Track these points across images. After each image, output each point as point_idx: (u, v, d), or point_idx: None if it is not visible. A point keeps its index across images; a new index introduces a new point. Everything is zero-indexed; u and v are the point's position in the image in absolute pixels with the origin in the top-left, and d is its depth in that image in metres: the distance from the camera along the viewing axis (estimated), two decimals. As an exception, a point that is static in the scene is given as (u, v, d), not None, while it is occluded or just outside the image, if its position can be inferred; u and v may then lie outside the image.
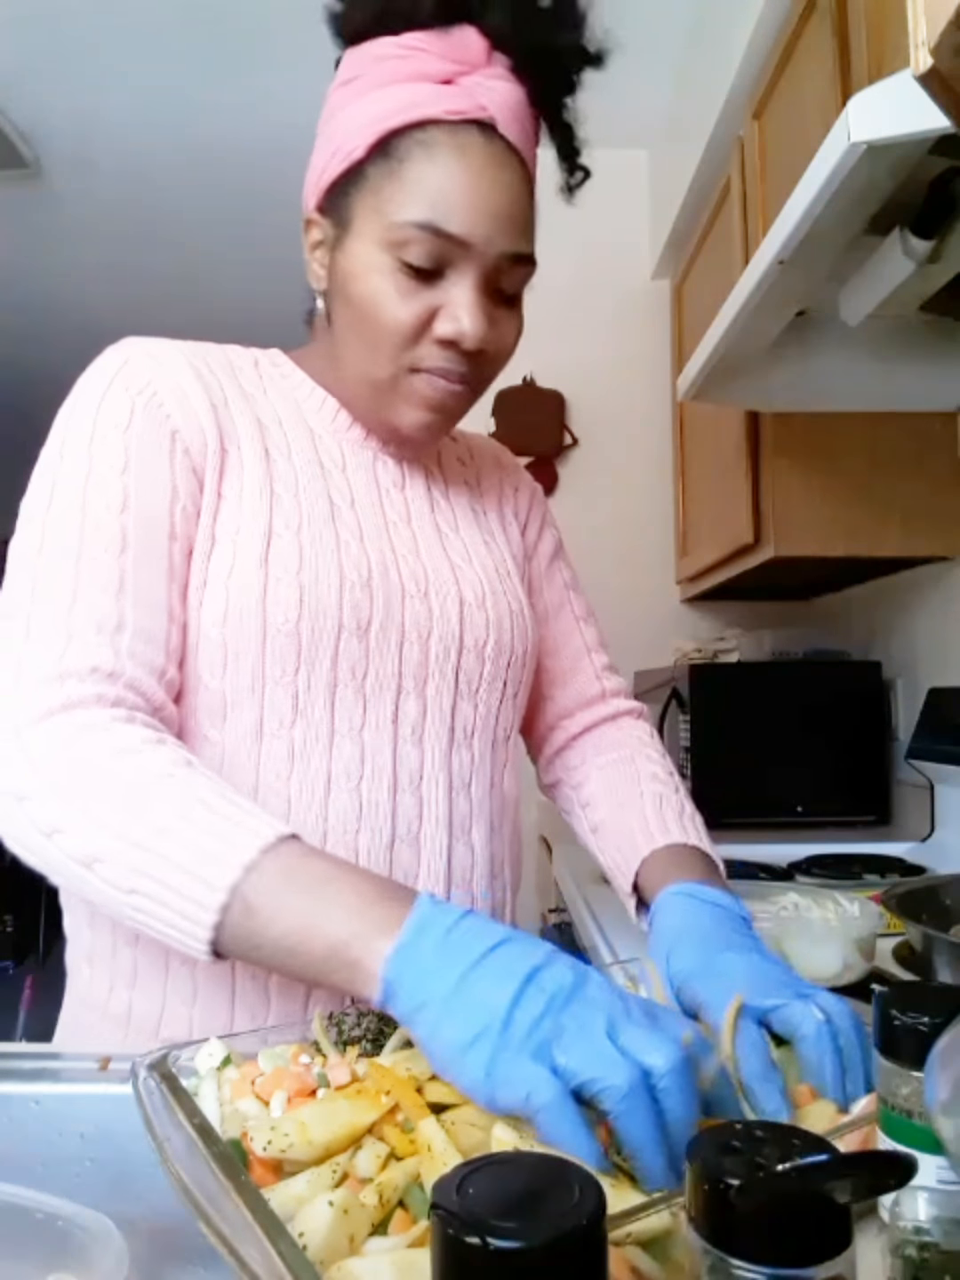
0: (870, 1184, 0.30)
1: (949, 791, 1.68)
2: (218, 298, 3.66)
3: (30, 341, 4.16)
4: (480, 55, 0.73)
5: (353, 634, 0.75)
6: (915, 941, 1.00)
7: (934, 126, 0.83)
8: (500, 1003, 0.49)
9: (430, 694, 0.80)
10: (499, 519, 0.94)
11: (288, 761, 0.75)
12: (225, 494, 0.76)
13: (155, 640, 0.70)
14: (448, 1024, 0.50)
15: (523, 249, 0.75)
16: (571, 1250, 0.28)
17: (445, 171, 0.72)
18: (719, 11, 1.99)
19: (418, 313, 0.74)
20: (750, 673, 2.10)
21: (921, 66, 0.57)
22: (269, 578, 0.73)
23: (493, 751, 0.85)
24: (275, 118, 2.47)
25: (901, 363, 1.39)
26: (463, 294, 0.73)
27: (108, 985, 0.78)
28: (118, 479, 0.71)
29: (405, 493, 0.86)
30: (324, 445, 0.83)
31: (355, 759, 0.76)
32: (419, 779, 0.79)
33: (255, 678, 0.74)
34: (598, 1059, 0.46)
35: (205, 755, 0.74)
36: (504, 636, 0.84)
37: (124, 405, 0.73)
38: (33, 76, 2.39)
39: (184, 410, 0.75)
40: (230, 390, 0.79)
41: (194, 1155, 0.45)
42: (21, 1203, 0.44)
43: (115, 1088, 0.61)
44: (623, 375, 2.64)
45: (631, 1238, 0.40)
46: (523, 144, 0.76)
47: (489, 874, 0.84)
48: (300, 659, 0.74)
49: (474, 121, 0.73)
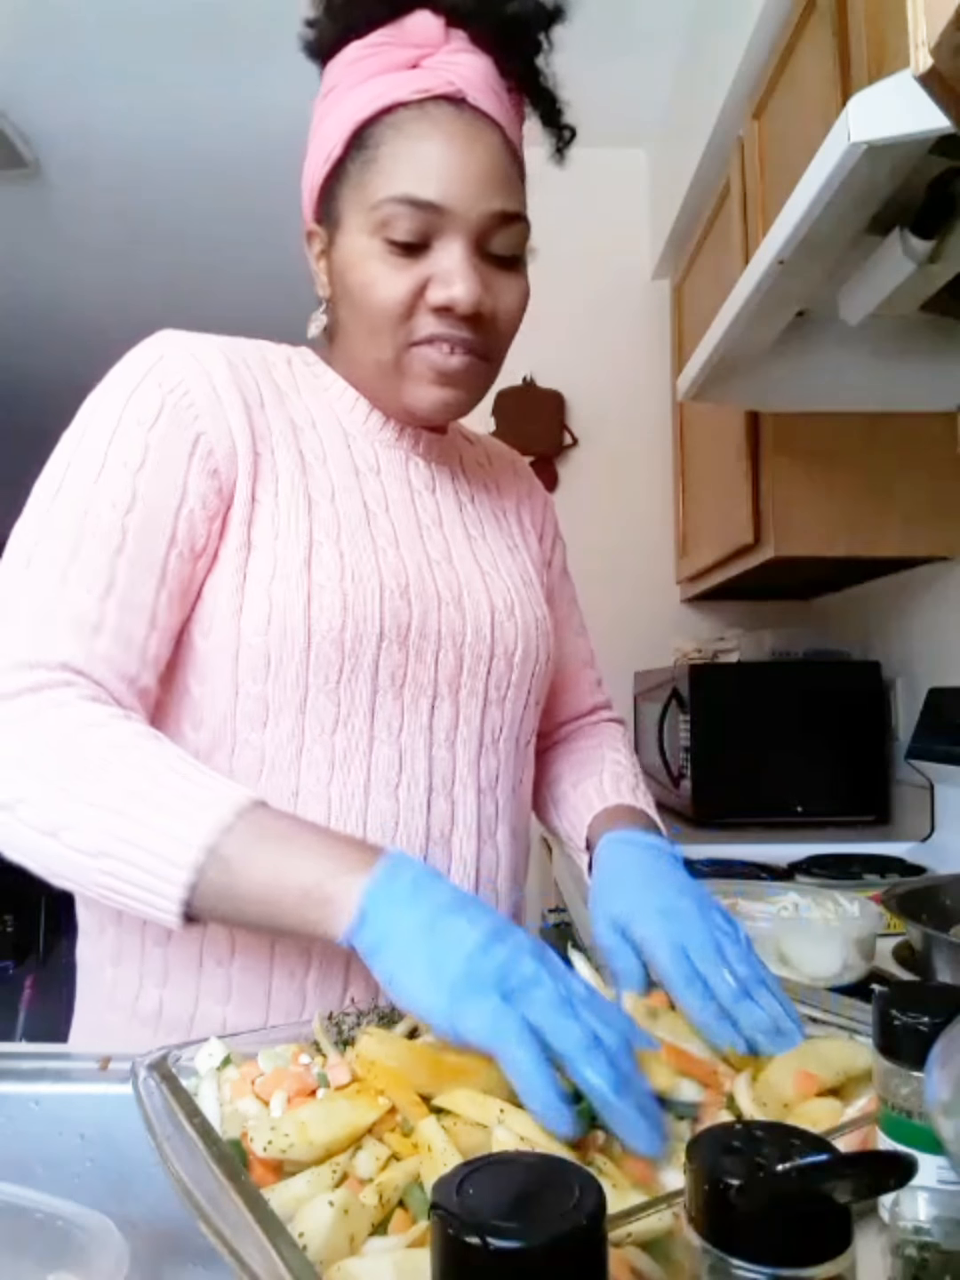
0: (870, 1184, 0.30)
1: (949, 791, 1.68)
2: (217, 298, 3.66)
3: (29, 342, 4.16)
4: (438, 34, 0.74)
5: (393, 641, 0.76)
6: (915, 941, 1.00)
7: (934, 126, 0.83)
8: (471, 942, 0.52)
9: (463, 700, 0.81)
10: (519, 525, 0.95)
11: (328, 767, 0.75)
12: (260, 498, 0.75)
13: (132, 646, 0.69)
14: (417, 955, 0.53)
15: (507, 206, 0.75)
16: (571, 1250, 0.28)
17: (417, 144, 0.73)
18: (719, 11, 1.99)
19: (409, 286, 0.74)
20: (750, 673, 2.10)
21: (921, 66, 0.57)
22: (312, 585, 0.73)
23: (516, 755, 0.86)
24: (275, 118, 2.47)
25: (901, 363, 1.39)
26: (451, 259, 0.73)
27: (136, 985, 0.77)
28: (131, 477, 0.70)
29: (436, 495, 0.86)
30: (358, 448, 0.82)
31: (394, 764, 0.77)
32: (451, 783, 0.80)
33: (298, 684, 0.74)
34: (559, 1011, 0.49)
35: (245, 759, 0.75)
36: (530, 644, 0.85)
37: (153, 402, 0.72)
38: (33, 77, 2.39)
39: (215, 412, 0.74)
40: (266, 389, 0.79)
41: (194, 1155, 0.45)
42: (21, 1203, 0.44)
43: (115, 1088, 0.61)
44: (623, 375, 2.64)
45: (632, 1238, 0.40)
46: (498, 111, 0.76)
47: (511, 875, 0.85)
48: (343, 667, 0.74)
49: (442, 97, 0.74)
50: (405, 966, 0.53)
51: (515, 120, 0.79)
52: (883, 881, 1.43)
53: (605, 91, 2.27)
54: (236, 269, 3.43)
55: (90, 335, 3.98)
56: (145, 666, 0.70)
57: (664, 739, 2.12)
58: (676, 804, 2.09)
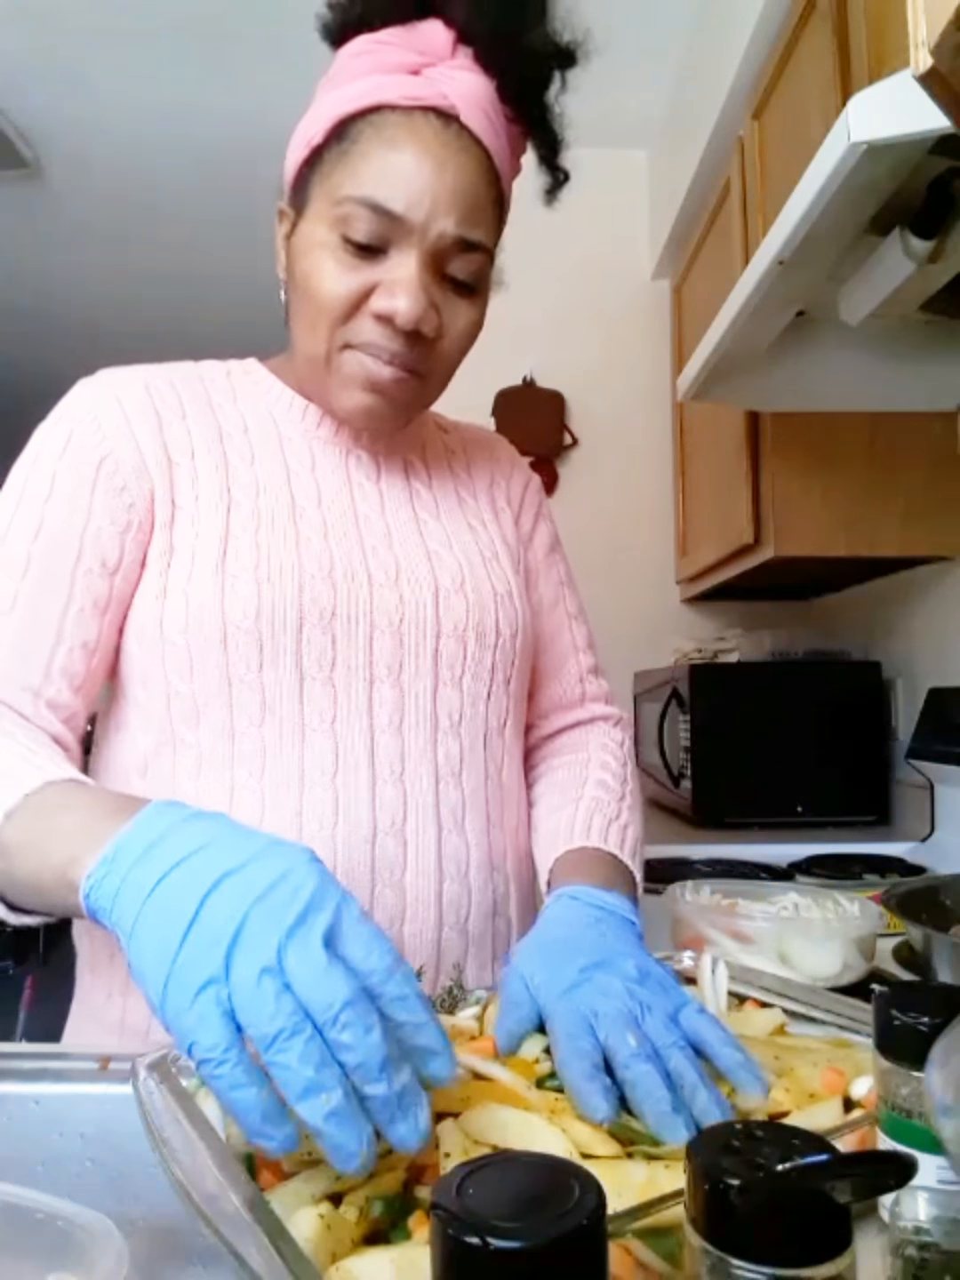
0: (870, 1184, 0.30)
1: (949, 791, 1.68)
2: (217, 298, 3.66)
3: (29, 341, 4.16)
4: (445, 46, 0.74)
5: (315, 625, 0.76)
6: (915, 941, 1.00)
7: (934, 126, 0.83)
8: (182, 915, 0.45)
9: (406, 681, 0.79)
10: (490, 505, 0.93)
11: (259, 758, 0.75)
12: (180, 504, 0.77)
13: (30, 661, 0.73)
14: (134, 950, 0.46)
15: (468, 234, 0.73)
16: (572, 1250, 0.28)
17: (392, 150, 0.72)
18: (719, 11, 1.99)
19: (355, 287, 0.73)
20: (750, 673, 2.10)
21: (921, 66, 0.57)
22: (226, 577, 0.74)
23: (485, 740, 0.83)
24: (275, 118, 2.45)
25: (901, 363, 1.39)
26: (402, 271, 0.72)
27: (105, 992, 0.79)
28: (40, 507, 0.75)
29: (380, 484, 0.85)
30: (292, 448, 0.83)
31: (329, 752, 0.76)
32: (400, 769, 0.78)
33: (221, 679, 0.74)
34: (257, 996, 0.42)
35: (186, 759, 0.76)
36: (487, 619, 0.82)
37: (63, 435, 0.77)
38: (33, 76, 2.39)
39: (122, 433, 0.77)
40: (192, 403, 0.81)
41: (194, 1155, 0.45)
42: (21, 1203, 0.44)
43: (115, 1088, 0.61)
44: (623, 375, 2.64)
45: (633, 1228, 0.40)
46: (488, 135, 0.74)
47: (488, 866, 0.82)
48: (263, 655, 0.74)
49: (432, 109, 0.73)
50: (131, 951, 0.47)
51: (507, 149, 0.77)
52: (883, 881, 1.43)
53: (605, 91, 2.26)
54: (236, 268, 3.43)
55: (90, 333, 3.99)
56: (50, 679, 0.74)
57: (664, 739, 2.12)
58: (676, 804, 2.09)
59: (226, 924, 0.44)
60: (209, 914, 0.45)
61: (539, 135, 0.79)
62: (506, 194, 0.79)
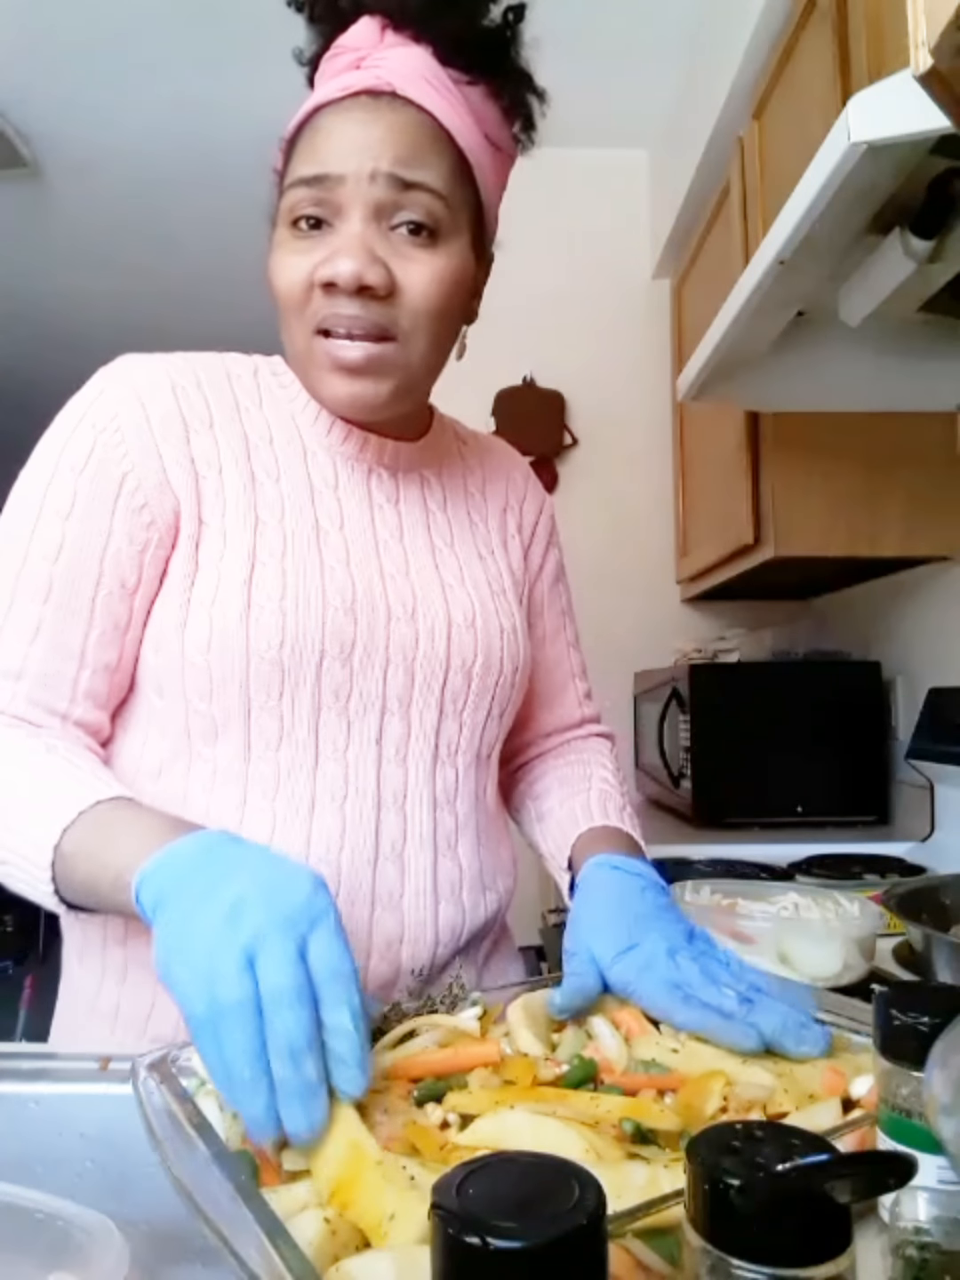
0: (870, 1184, 0.30)
1: (949, 791, 1.68)
2: (217, 298, 3.66)
3: (29, 342, 4.15)
4: (374, 35, 0.74)
5: (335, 659, 0.76)
6: (915, 941, 1.00)
7: (934, 126, 0.83)
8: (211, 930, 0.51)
9: (415, 714, 0.80)
10: (500, 533, 0.92)
11: (274, 782, 0.76)
12: (207, 520, 0.76)
13: (57, 686, 0.74)
14: (176, 940, 0.53)
15: (406, 174, 0.71)
16: (571, 1250, 0.28)
17: (323, 131, 0.73)
18: (719, 12, 1.99)
19: (305, 269, 0.72)
20: (750, 673, 2.10)
21: (921, 66, 0.57)
22: (251, 605, 0.74)
23: (476, 767, 0.85)
24: (276, 118, 2.46)
25: (901, 363, 1.39)
26: (341, 236, 0.71)
27: (97, 982, 0.79)
28: (61, 524, 0.74)
29: (399, 507, 0.85)
30: (316, 463, 0.82)
31: (339, 779, 0.77)
32: (403, 797, 0.79)
33: (240, 703, 0.75)
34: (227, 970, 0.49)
35: (199, 771, 0.77)
36: (493, 656, 0.83)
37: (85, 444, 0.75)
38: (33, 76, 2.39)
39: (145, 446, 0.75)
40: (220, 406, 0.79)
41: (194, 1155, 0.45)
42: (21, 1203, 0.44)
43: (115, 1088, 0.61)
44: (623, 375, 2.64)
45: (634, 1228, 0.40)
46: (431, 99, 0.73)
47: (479, 886, 0.84)
48: (284, 684, 0.75)
49: (364, 92, 0.72)
50: (167, 949, 0.53)
51: (463, 108, 0.74)
52: (883, 881, 1.43)
53: (606, 92, 2.26)
54: (236, 270, 3.42)
55: (90, 336, 3.98)
56: (76, 702, 0.75)
57: (664, 739, 2.12)
58: (676, 804, 2.09)
59: (231, 916, 0.51)
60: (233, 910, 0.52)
61: (503, 83, 0.77)
62: (471, 152, 0.76)
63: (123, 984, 0.78)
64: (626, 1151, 0.48)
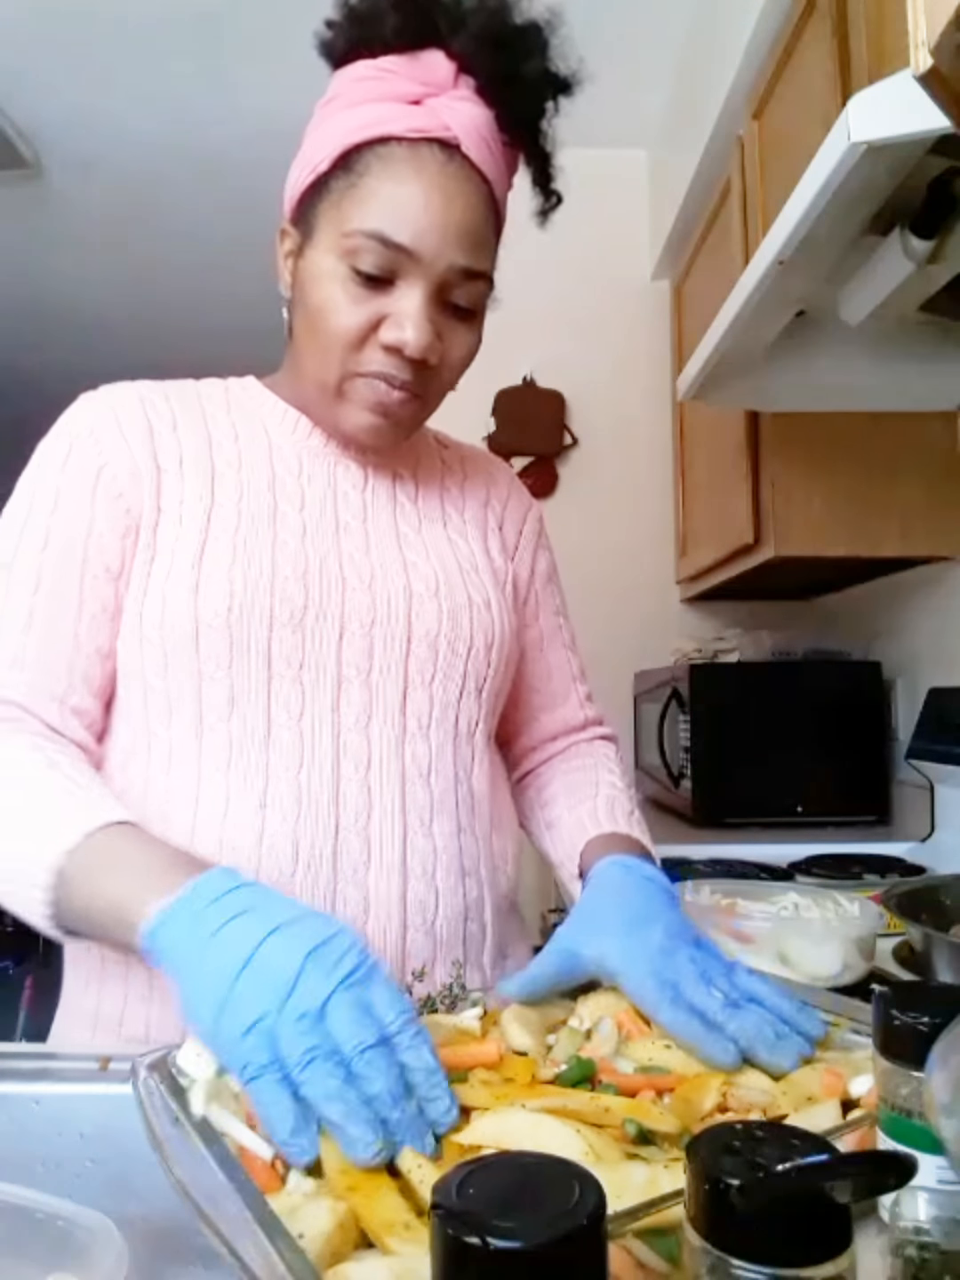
0: (870, 1184, 0.30)
1: (949, 791, 1.68)
2: (217, 298, 3.66)
3: (29, 342, 4.16)
4: (447, 77, 0.75)
5: (285, 625, 0.77)
6: (915, 941, 1.00)
7: (934, 126, 0.83)
8: (237, 959, 0.53)
9: (375, 683, 0.80)
10: (478, 523, 0.93)
11: (226, 752, 0.77)
12: (165, 508, 0.80)
13: (53, 671, 0.77)
14: (189, 986, 0.55)
15: (473, 264, 0.76)
16: (571, 1250, 0.28)
17: (399, 183, 0.74)
18: (719, 11, 1.99)
19: (365, 319, 0.76)
20: (750, 673, 2.10)
21: (921, 66, 0.57)
22: (201, 576, 0.77)
23: (455, 744, 0.84)
24: (275, 118, 2.46)
25: (901, 363, 1.39)
26: (410, 304, 0.75)
27: (83, 984, 0.81)
28: (45, 520, 0.78)
29: (365, 495, 0.86)
30: (280, 455, 0.85)
31: (294, 748, 0.77)
32: (365, 768, 0.79)
33: (192, 674, 0.77)
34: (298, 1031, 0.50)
35: (158, 754, 0.78)
36: (460, 627, 0.83)
37: (63, 448, 0.80)
38: (33, 76, 2.39)
39: (117, 444, 0.80)
40: (185, 415, 0.84)
41: (194, 1155, 0.45)
42: (21, 1203, 0.44)
43: (115, 1088, 0.61)
44: (623, 375, 2.64)
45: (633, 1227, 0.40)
46: (488, 165, 0.77)
47: (458, 870, 0.82)
48: (232, 652, 0.76)
49: (436, 140, 0.74)
50: (185, 987, 0.55)
51: (505, 175, 0.80)
52: (883, 881, 1.43)
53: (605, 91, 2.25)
54: (236, 268, 3.42)
55: (90, 334, 3.99)
56: (73, 686, 0.77)
57: (664, 739, 2.12)
58: (676, 804, 2.09)
59: (283, 970, 0.53)
60: (262, 959, 0.53)
61: (534, 160, 0.81)
62: (503, 217, 0.82)
63: (101, 985, 0.79)
64: (626, 1151, 0.48)
